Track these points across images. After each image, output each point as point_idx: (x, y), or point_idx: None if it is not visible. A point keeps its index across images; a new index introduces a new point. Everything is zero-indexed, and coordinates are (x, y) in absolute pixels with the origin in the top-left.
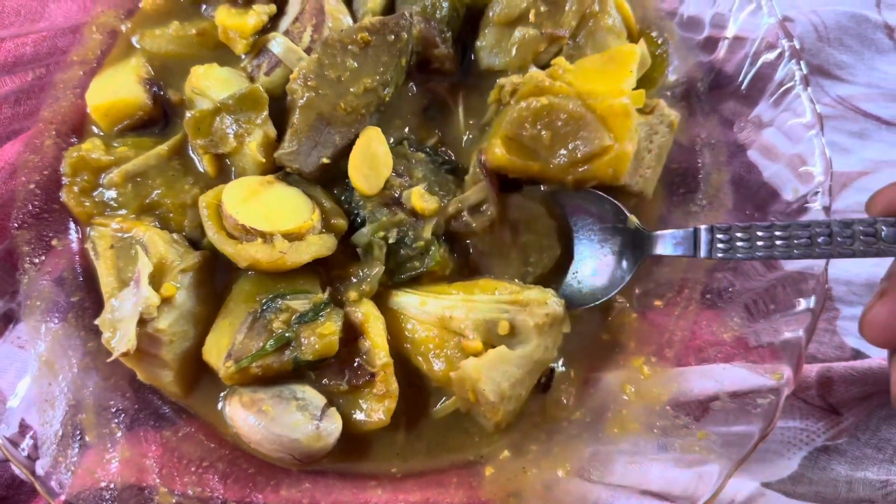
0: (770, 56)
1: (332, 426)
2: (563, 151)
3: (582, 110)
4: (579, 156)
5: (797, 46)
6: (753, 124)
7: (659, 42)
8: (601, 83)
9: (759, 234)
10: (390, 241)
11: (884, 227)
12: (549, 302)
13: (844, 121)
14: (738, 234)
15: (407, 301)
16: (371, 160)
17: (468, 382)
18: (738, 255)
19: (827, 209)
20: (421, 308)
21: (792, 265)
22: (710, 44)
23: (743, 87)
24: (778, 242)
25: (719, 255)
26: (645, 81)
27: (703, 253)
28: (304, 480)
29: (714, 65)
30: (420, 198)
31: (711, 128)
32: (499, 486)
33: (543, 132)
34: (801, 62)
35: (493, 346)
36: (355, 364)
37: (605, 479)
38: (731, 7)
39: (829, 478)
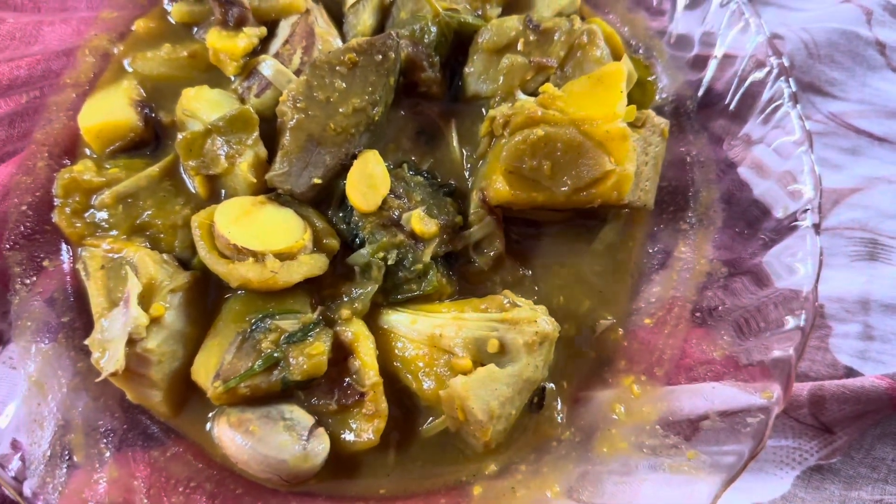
0: (759, 74)
1: (320, 447)
2: (565, 179)
3: (579, 138)
4: (582, 183)
5: (786, 64)
6: (743, 142)
7: (647, 65)
8: (593, 108)
9: None
10: (389, 262)
11: None
12: (538, 320)
13: (836, 137)
14: None
15: (397, 319)
16: (369, 179)
17: (457, 401)
18: None
19: (817, 226)
20: (411, 326)
21: (782, 282)
22: (700, 62)
23: (732, 104)
24: None
25: None
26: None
27: None
28: (292, 501)
29: (703, 83)
30: (420, 221)
31: (701, 145)
32: None
33: (544, 163)
34: (790, 79)
35: (483, 365)
36: (345, 384)
37: (595, 500)
38: (721, 25)
39: (822, 497)
